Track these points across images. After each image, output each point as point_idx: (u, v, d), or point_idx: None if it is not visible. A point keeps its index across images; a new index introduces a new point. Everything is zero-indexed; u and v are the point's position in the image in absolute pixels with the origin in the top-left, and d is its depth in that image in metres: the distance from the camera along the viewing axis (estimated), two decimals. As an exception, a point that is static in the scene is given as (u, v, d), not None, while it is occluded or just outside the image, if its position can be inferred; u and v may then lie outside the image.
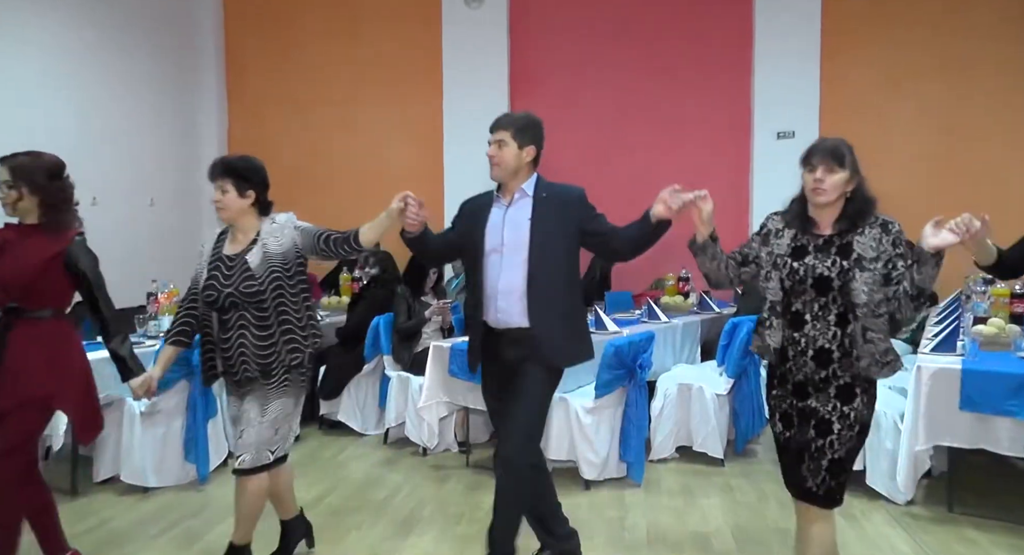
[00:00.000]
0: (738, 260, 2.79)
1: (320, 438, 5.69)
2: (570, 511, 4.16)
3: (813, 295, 2.59)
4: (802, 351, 2.61)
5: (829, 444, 2.58)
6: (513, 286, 3.05)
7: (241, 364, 3.08)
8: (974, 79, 6.81)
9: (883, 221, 2.60)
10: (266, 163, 3.32)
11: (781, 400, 2.71)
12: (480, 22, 7.87)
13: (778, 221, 2.76)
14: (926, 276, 2.46)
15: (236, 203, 3.13)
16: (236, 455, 3.14)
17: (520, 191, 3.14)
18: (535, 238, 3.06)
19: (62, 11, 6.53)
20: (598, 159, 7.71)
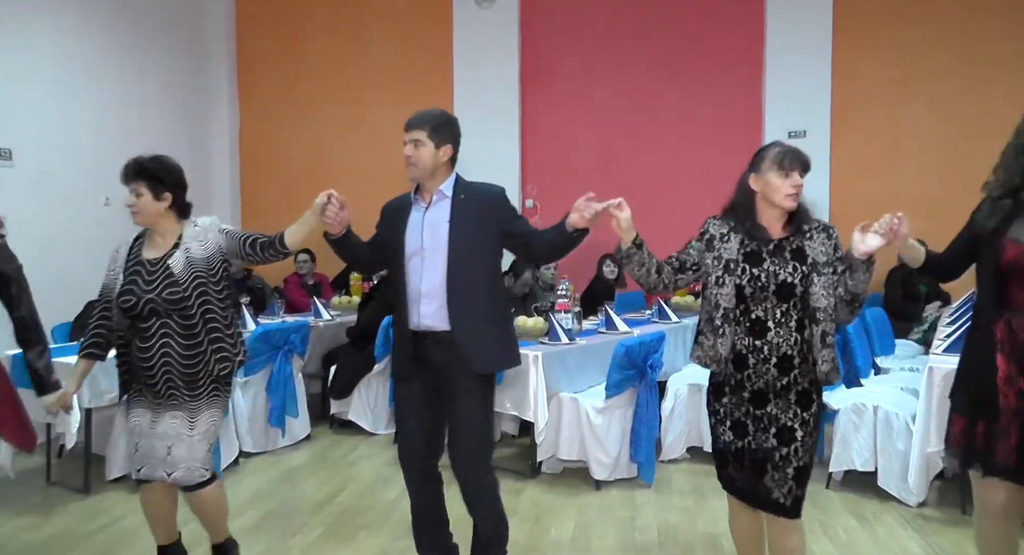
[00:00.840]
0: (675, 266, 2.70)
1: (331, 437, 5.70)
2: (581, 511, 4.17)
3: (775, 301, 2.53)
4: (765, 358, 2.54)
5: (794, 451, 2.52)
6: (434, 289, 2.94)
7: (164, 375, 2.89)
8: (986, 78, 6.77)
9: (824, 226, 2.60)
10: (277, 162, 3.31)
11: (735, 408, 2.62)
12: (490, 22, 7.88)
13: (720, 226, 2.67)
14: (859, 282, 2.46)
15: (152, 206, 2.95)
16: (152, 471, 2.93)
17: (438, 192, 3.01)
18: (454, 240, 2.94)
19: (76, 13, 6.57)
20: (609, 158, 7.70)
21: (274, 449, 5.28)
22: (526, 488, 4.55)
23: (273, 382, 5.19)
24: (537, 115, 7.98)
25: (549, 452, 4.60)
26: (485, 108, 7.87)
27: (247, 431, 5.08)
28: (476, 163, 7.82)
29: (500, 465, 4.95)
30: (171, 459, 2.91)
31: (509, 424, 5.44)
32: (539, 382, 4.44)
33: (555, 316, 4.98)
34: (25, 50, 6.04)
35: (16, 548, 3.73)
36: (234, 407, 4.92)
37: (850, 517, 4.06)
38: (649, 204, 7.12)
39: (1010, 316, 2.46)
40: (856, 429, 4.28)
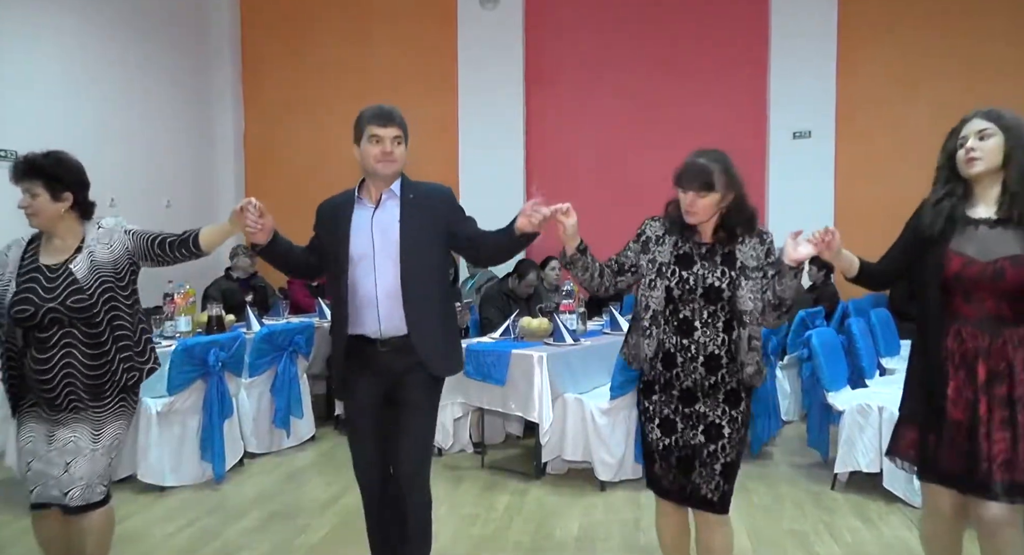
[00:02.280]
0: (614, 269, 2.74)
1: (336, 438, 5.71)
2: (585, 512, 4.17)
3: (702, 303, 2.59)
4: (692, 357, 2.60)
5: (721, 448, 2.59)
6: (389, 293, 2.80)
7: (65, 388, 2.67)
8: (991, 80, 6.76)
9: (759, 231, 2.64)
10: (282, 164, 3.31)
11: (664, 406, 2.67)
12: (495, 23, 7.89)
13: (657, 228, 2.73)
14: (787, 287, 2.51)
15: (50, 208, 2.72)
16: (46, 491, 2.71)
17: (388, 192, 2.88)
18: (405, 241, 2.81)
19: (79, 15, 6.59)
20: (613, 159, 7.71)
21: (279, 450, 5.29)
22: (531, 489, 4.56)
23: (278, 383, 5.20)
24: (541, 115, 7.99)
25: (554, 453, 4.60)
26: (489, 109, 7.88)
27: (252, 432, 5.09)
28: (480, 164, 7.88)
29: (505, 466, 4.96)
30: (68, 477, 2.69)
31: (514, 425, 5.45)
32: (544, 383, 4.44)
33: (560, 317, 4.98)
34: (28, 51, 6.06)
35: (22, 548, 3.74)
36: (239, 408, 4.93)
37: (855, 518, 4.05)
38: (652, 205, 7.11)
39: (959, 326, 2.45)
40: (861, 430, 4.28)
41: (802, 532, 3.88)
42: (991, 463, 2.35)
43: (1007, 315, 2.40)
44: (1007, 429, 2.36)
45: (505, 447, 5.40)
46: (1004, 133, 2.43)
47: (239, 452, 4.93)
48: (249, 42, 8.69)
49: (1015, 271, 2.35)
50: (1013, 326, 2.40)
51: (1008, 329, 2.40)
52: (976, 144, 2.44)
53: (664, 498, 2.75)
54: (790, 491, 4.48)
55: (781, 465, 5.02)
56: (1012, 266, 2.36)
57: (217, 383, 4.58)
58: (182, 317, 5.07)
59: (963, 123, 2.54)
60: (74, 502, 2.70)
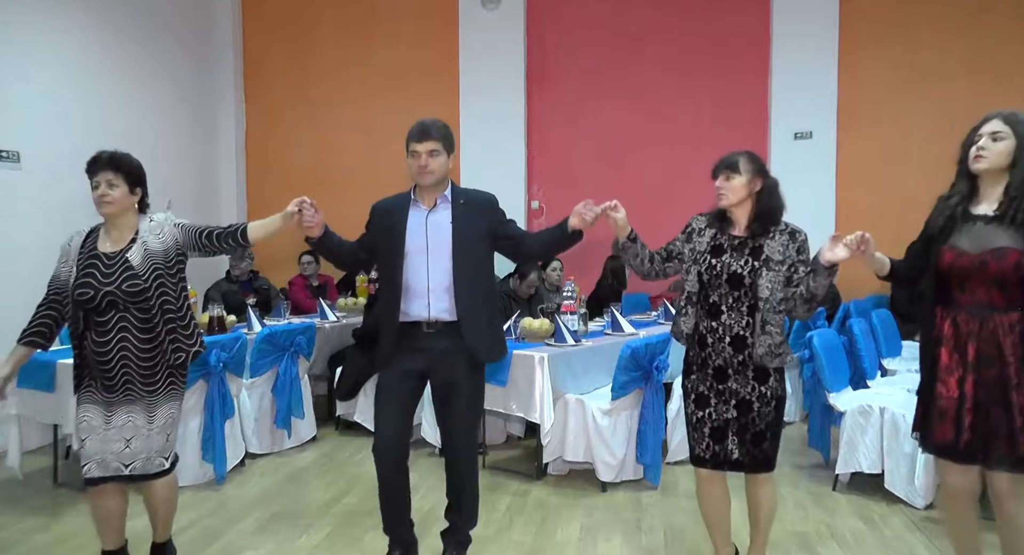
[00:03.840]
0: (663, 256, 3.12)
1: (337, 439, 5.71)
2: (587, 513, 4.17)
3: (727, 289, 2.92)
4: (720, 338, 2.94)
5: (751, 421, 2.92)
6: (441, 285, 3.16)
7: (121, 369, 2.93)
8: (994, 79, 6.75)
9: (792, 229, 2.95)
10: (283, 164, 3.36)
11: (699, 382, 3.01)
12: (497, 23, 7.89)
13: (701, 221, 3.10)
14: (819, 285, 2.79)
15: (125, 200, 3.04)
16: (105, 464, 2.96)
17: (442, 197, 3.24)
18: (457, 240, 3.17)
19: (83, 16, 6.59)
20: (614, 159, 7.71)
21: (280, 450, 5.29)
22: (532, 489, 4.55)
23: (279, 384, 5.20)
24: (543, 117, 7.99)
25: (555, 454, 4.60)
26: (491, 110, 7.88)
27: (253, 432, 5.09)
28: (482, 165, 7.87)
29: (506, 467, 4.96)
30: (128, 451, 2.96)
31: (515, 426, 5.45)
32: (545, 384, 4.44)
33: (561, 318, 4.98)
34: (32, 52, 6.06)
35: (24, 549, 3.74)
36: (240, 409, 4.93)
37: (857, 519, 4.05)
38: (655, 205, 7.11)
39: (955, 313, 2.67)
40: (863, 431, 4.27)
41: (804, 533, 3.88)
42: (984, 437, 2.58)
43: (998, 302, 2.59)
44: (1000, 407, 2.56)
45: (506, 448, 5.40)
46: (1017, 139, 2.59)
47: (240, 453, 4.93)
48: (251, 42, 8.69)
49: (996, 263, 2.55)
50: (1003, 312, 2.58)
51: (998, 315, 2.59)
52: (987, 144, 2.63)
53: (699, 466, 3.05)
54: (792, 492, 4.48)
55: (783, 466, 4.99)
56: (994, 258, 2.56)
57: (218, 384, 4.58)
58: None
59: (983, 122, 2.71)
60: (136, 472, 2.98)
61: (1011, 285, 2.56)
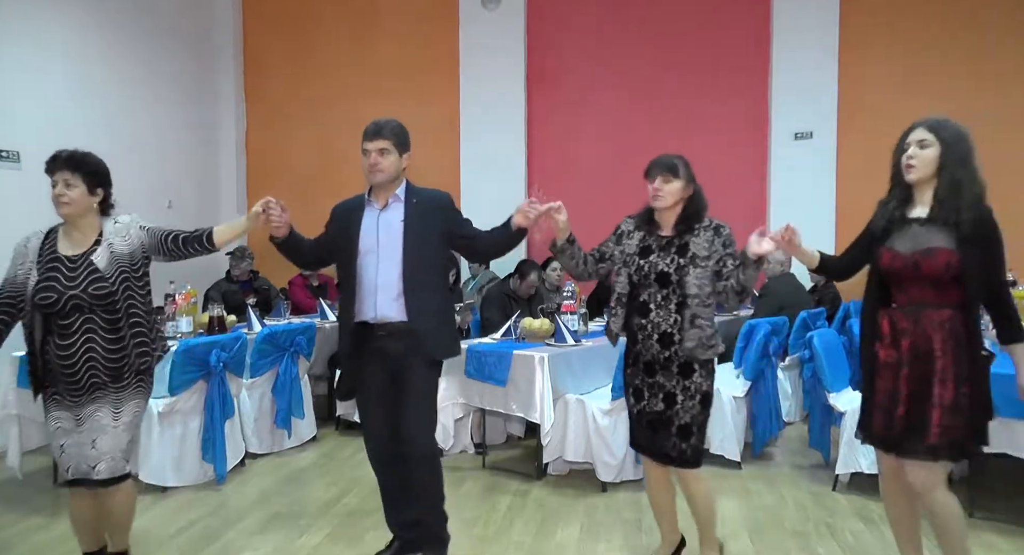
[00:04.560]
0: (596, 257, 3.25)
1: (337, 439, 5.71)
2: (587, 513, 4.17)
3: (656, 288, 3.06)
4: (649, 335, 3.07)
5: (676, 414, 3.05)
6: (391, 283, 3.18)
7: (88, 371, 2.87)
8: (995, 79, 6.75)
9: (716, 225, 3.08)
10: (284, 165, 3.37)
11: (633, 377, 3.17)
12: (497, 23, 7.89)
13: (630, 223, 3.24)
14: (749, 277, 2.94)
15: (84, 200, 2.95)
16: (78, 467, 2.89)
17: (394, 196, 3.26)
18: (408, 239, 3.19)
19: (84, 16, 6.59)
20: (614, 159, 7.70)
21: (280, 450, 5.29)
22: (532, 490, 4.55)
23: (279, 384, 5.20)
24: (543, 116, 7.99)
25: (555, 454, 4.60)
26: (491, 109, 7.89)
27: (253, 432, 5.09)
28: (482, 164, 7.88)
29: (506, 467, 4.96)
30: (95, 452, 2.89)
31: (515, 426, 5.45)
32: (545, 384, 4.44)
33: (561, 318, 4.97)
34: (33, 53, 6.06)
35: (24, 549, 3.74)
36: (240, 408, 4.93)
37: (857, 520, 4.05)
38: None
39: (893, 312, 2.78)
40: (863, 431, 4.27)
41: (804, 533, 3.88)
42: (904, 427, 2.70)
43: (930, 300, 2.69)
44: (922, 399, 2.67)
45: (506, 448, 5.40)
46: (941, 145, 2.70)
47: (240, 453, 4.93)
48: (251, 43, 8.69)
49: (926, 262, 2.66)
50: (935, 309, 2.68)
51: (931, 312, 2.69)
52: (915, 152, 2.73)
53: (643, 454, 3.25)
54: (792, 492, 4.48)
55: (783, 466, 5.02)
56: (924, 258, 2.67)
57: (218, 384, 4.58)
58: (183, 318, 5.07)
59: (910, 130, 2.81)
60: (101, 475, 2.89)
61: (942, 284, 2.66)
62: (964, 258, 2.61)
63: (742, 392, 4.94)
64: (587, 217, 4.88)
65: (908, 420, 2.70)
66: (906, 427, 2.70)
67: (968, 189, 2.65)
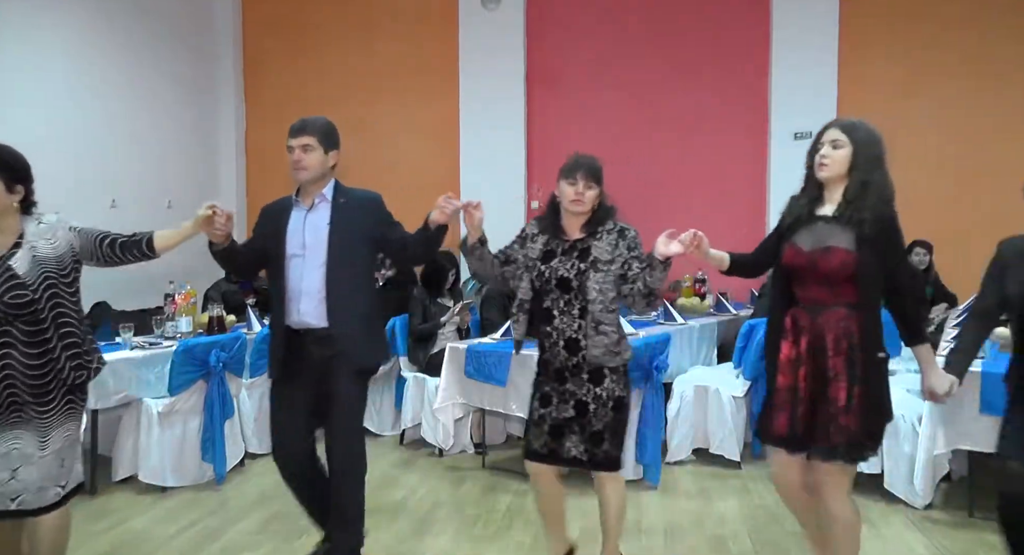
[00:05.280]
0: (501, 259, 3.13)
1: (336, 439, 5.70)
2: (587, 512, 4.16)
3: (558, 293, 2.97)
4: (555, 342, 2.99)
5: (588, 421, 2.97)
6: (314, 288, 3.09)
7: (5, 389, 2.54)
8: (995, 79, 6.74)
9: (620, 228, 3.02)
10: (283, 164, 3.36)
11: (543, 384, 3.07)
12: (497, 23, 7.88)
13: (534, 227, 3.14)
14: (656, 279, 2.87)
15: (3, 199, 2.63)
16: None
17: (320, 196, 3.17)
18: (333, 242, 3.09)
19: (84, 15, 6.59)
20: (614, 159, 7.58)
21: (280, 450, 5.28)
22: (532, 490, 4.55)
23: (279, 383, 5.19)
24: (543, 116, 7.98)
25: (555, 454, 4.59)
26: (491, 109, 7.87)
27: (253, 432, 5.09)
28: (482, 163, 7.87)
29: (506, 467, 4.96)
30: (15, 484, 2.56)
31: (515, 426, 5.44)
32: (545, 384, 4.43)
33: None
34: (32, 52, 6.06)
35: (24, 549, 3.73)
36: (240, 408, 4.93)
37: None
38: (654, 205, 7.11)
39: (794, 308, 2.77)
40: (863, 431, 4.26)
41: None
42: (807, 426, 2.67)
43: (827, 299, 2.69)
44: (823, 399, 2.66)
45: (506, 448, 5.40)
46: (853, 146, 2.73)
47: (240, 453, 4.93)
48: (251, 42, 8.68)
49: (824, 260, 2.67)
50: (831, 308, 2.68)
51: (827, 311, 2.68)
52: (828, 152, 2.76)
53: (533, 460, 3.08)
54: (791, 492, 4.47)
55: (782, 466, 5.01)
56: (823, 256, 2.67)
57: (218, 384, 4.58)
58: (183, 318, 5.07)
59: (823, 130, 2.83)
60: (24, 506, 2.59)
61: (837, 282, 2.67)
62: (860, 258, 2.63)
63: (742, 392, 4.94)
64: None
65: (808, 419, 2.68)
66: (810, 427, 2.68)
67: (876, 191, 2.68)
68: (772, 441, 2.80)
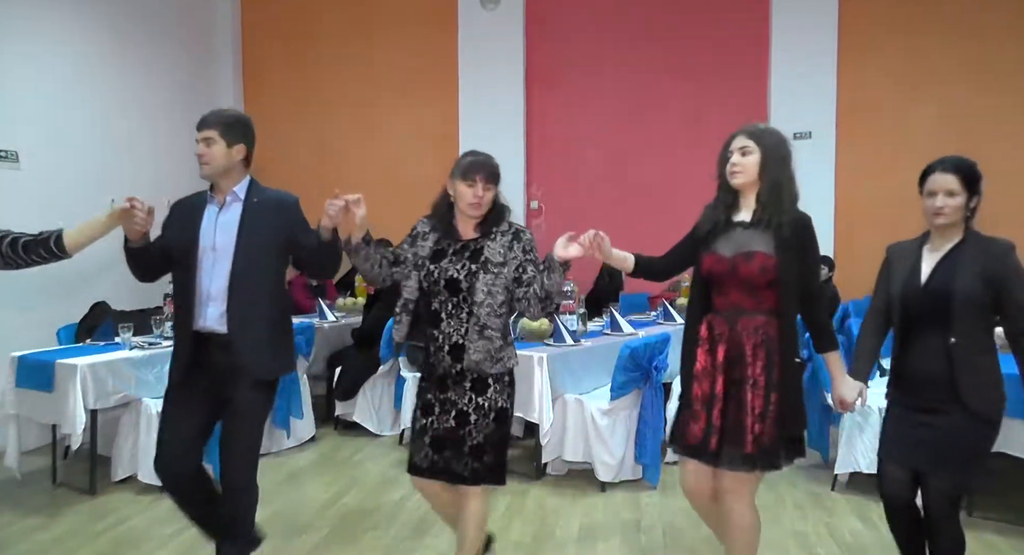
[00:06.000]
0: (390, 260, 2.96)
1: (336, 439, 5.71)
2: (586, 513, 4.17)
3: (446, 295, 2.82)
4: (440, 346, 2.84)
5: (468, 433, 2.82)
6: (219, 292, 2.93)
7: None
8: (994, 79, 6.75)
9: (516, 230, 2.90)
10: (282, 166, 3.31)
11: (425, 391, 2.92)
12: (496, 24, 7.88)
13: (426, 225, 2.98)
14: (554, 282, 2.76)
15: None
16: None
17: (232, 194, 3.01)
18: (241, 244, 2.94)
19: (82, 16, 6.59)
20: (614, 160, 7.70)
21: (279, 450, 5.29)
22: (531, 489, 4.56)
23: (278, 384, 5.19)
24: (542, 117, 7.99)
25: (554, 454, 4.60)
26: (490, 110, 7.87)
27: (252, 432, 5.08)
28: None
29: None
30: None
31: (514, 426, 5.44)
32: (544, 384, 4.44)
33: (560, 318, 4.98)
34: (30, 52, 6.05)
35: (23, 549, 3.74)
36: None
37: (856, 520, 4.05)
38: (654, 205, 7.12)
39: (711, 316, 2.76)
40: (861, 431, 4.27)
41: (803, 533, 3.88)
42: (720, 435, 2.66)
43: (747, 305, 2.70)
44: (737, 406, 2.65)
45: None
46: (762, 151, 2.74)
47: (239, 453, 4.92)
48: (250, 43, 8.67)
49: (746, 265, 2.67)
50: (750, 315, 2.69)
51: (745, 318, 2.69)
52: (738, 159, 2.76)
53: (415, 475, 2.93)
54: (791, 492, 4.48)
55: (781, 466, 5.01)
56: (744, 261, 2.68)
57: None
58: (182, 318, 5.06)
59: (731, 138, 2.82)
60: None
61: (758, 288, 2.68)
62: (780, 262, 2.65)
63: (741, 392, 4.94)
64: (586, 216, 4.88)
65: (724, 428, 2.67)
66: (722, 436, 2.66)
67: (788, 192, 2.73)
68: (685, 451, 2.78)
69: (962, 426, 2.63)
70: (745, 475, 2.68)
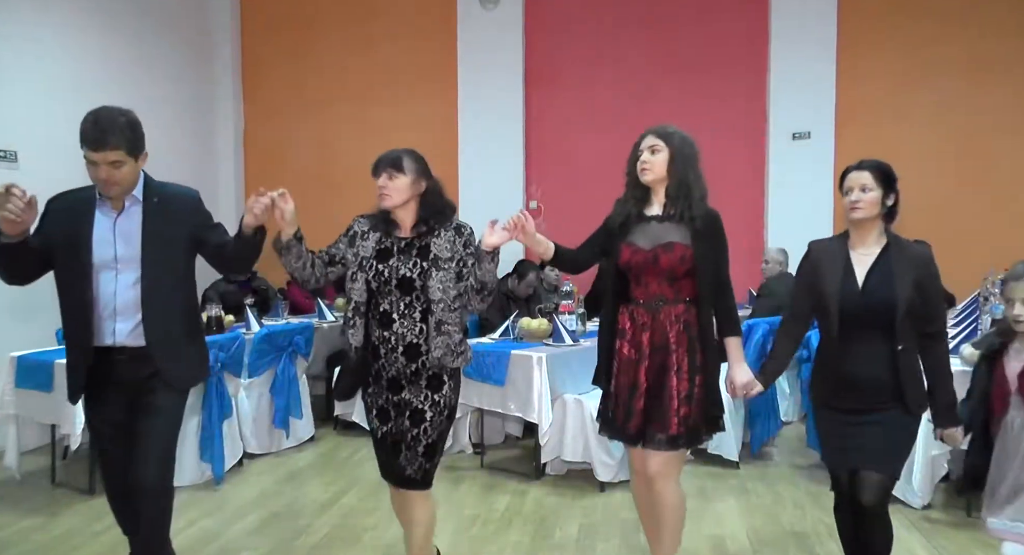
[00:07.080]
0: (325, 260, 2.91)
1: (335, 439, 5.71)
2: (585, 513, 4.17)
3: (399, 295, 2.80)
4: (393, 348, 2.81)
5: (423, 431, 2.82)
6: (130, 304, 2.72)
7: None
8: (992, 78, 6.74)
9: (457, 224, 2.90)
10: (281, 164, 3.29)
11: (376, 397, 2.90)
12: (495, 22, 7.88)
13: (364, 223, 2.95)
14: (486, 272, 2.78)
15: None
16: None
17: (131, 197, 2.75)
18: (148, 254, 2.72)
19: (81, 14, 6.58)
20: (613, 159, 7.61)
21: (278, 450, 5.28)
22: (530, 490, 4.55)
23: (277, 383, 5.20)
24: (541, 116, 7.99)
25: (553, 454, 4.60)
26: (489, 109, 7.87)
27: (251, 432, 5.08)
28: (480, 165, 7.87)
29: (504, 467, 4.96)
30: None
31: (513, 426, 5.45)
32: (543, 384, 4.44)
33: (559, 318, 4.98)
34: (29, 51, 6.04)
35: (22, 549, 3.74)
36: (238, 408, 4.93)
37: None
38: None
39: (632, 307, 2.89)
40: (861, 431, 4.27)
41: (802, 533, 3.88)
42: (645, 419, 2.80)
43: (667, 295, 2.84)
44: (661, 391, 2.79)
45: (504, 448, 5.40)
46: (670, 149, 2.87)
47: (238, 453, 4.92)
48: (249, 42, 8.67)
49: (666, 256, 2.81)
50: (671, 304, 2.83)
51: (667, 307, 2.83)
52: (647, 157, 2.89)
53: (386, 479, 2.95)
54: (790, 491, 4.48)
55: (781, 465, 5.02)
56: (664, 252, 2.81)
57: (216, 384, 4.57)
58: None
59: (641, 138, 2.95)
60: None
61: (677, 277, 2.82)
62: (696, 252, 2.79)
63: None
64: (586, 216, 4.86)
65: (647, 412, 2.80)
66: (645, 419, 2.80)
67: (696, 189, 2.85)
68: (612, 434, 2.96)
69: (900, 420, 2.72)
70: (673, 455, 2.82)
